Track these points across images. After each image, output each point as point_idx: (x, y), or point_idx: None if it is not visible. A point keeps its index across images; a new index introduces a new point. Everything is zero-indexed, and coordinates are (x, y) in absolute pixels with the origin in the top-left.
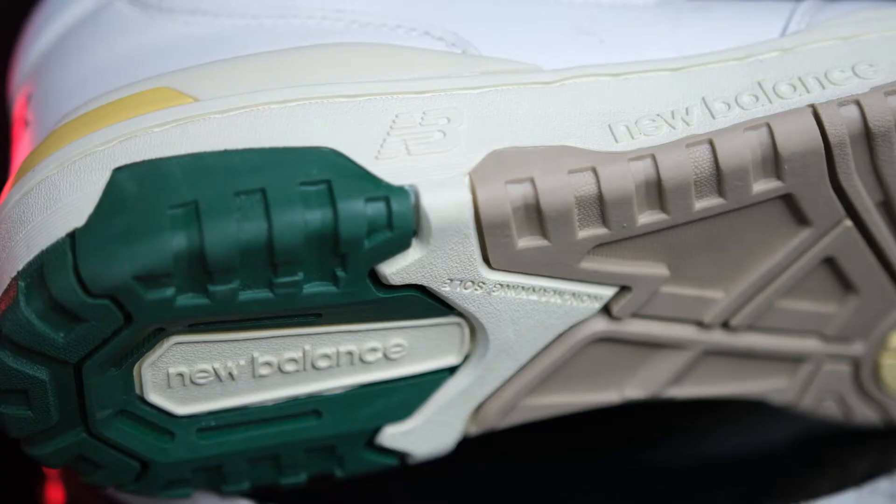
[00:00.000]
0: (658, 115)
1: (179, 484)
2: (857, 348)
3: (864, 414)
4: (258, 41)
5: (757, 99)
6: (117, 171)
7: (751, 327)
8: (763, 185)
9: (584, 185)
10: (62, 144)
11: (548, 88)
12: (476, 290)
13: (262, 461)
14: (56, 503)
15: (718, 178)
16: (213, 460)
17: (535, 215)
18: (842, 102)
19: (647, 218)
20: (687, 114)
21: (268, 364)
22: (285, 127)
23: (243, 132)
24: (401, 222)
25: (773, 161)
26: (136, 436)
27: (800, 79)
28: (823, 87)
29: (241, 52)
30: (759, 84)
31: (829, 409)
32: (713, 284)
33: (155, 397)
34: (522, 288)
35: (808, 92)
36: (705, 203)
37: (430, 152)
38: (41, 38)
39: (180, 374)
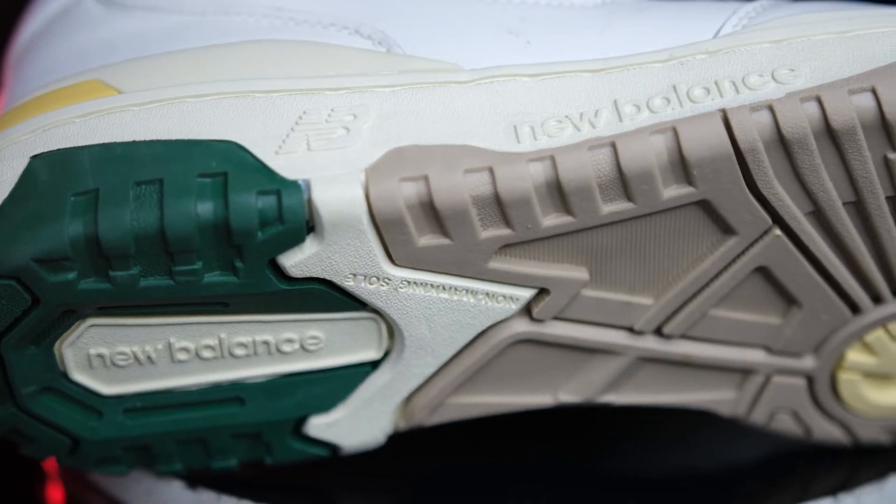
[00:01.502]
0: (566, 116)
1: (111, 461)
2: (807, 363)
3: (826, 431)
4: (201, 37)
5: (668, 102)
6: (34, 158)
7: (686, 336)
8: (675, 191)
9: (481, 184)
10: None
11: (462, 88)
12: (382, 286)
13: (191, 444)
14: (56, 503)
15: (623, 182)
16: (141, 440)
17: (432, 214)
18: (755, 107)
19: (552, 220)
20: (595, 116)
21: (185, 350)
22: (195, 120)
23: (156, 124)
24: (291, 216)
25: (681, 166)
26: (64, 413)
27: (716, 83)
28: (738, 92)
29: (182, 47)
30: (674, 87)
31: (785, 425)
32: (640, 290)
33: (79, 376)
34: (431, 286)
35: (721, 96)
36: (614, 207)
37: (330, 148)
38: (24, 33)
39: (100, 356)
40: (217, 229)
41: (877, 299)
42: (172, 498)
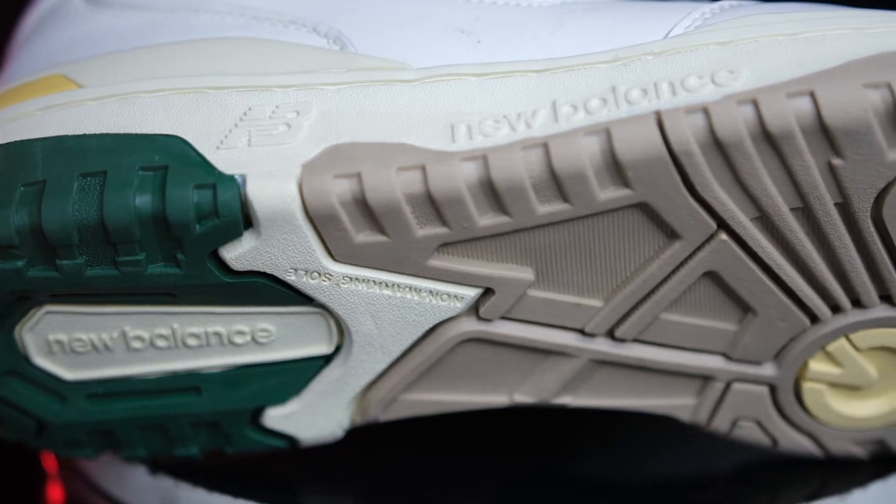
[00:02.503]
0: (504, 116)
1: (77, 445)
2: (768, 371)
3: (793, 441)
4: (169, 34)
5: (605, 103)
6: None
7: (640, 340)
8: (611, 193)
9: (413, 183)
10: None
11: (407, 86)
12: (324, 281)
13: (152, 431)
14: (56, 503)
15: (556, 183)
16: (104, 425)
17: (366, 211)
18: (690, 110)
19: (489, 220)
20: (532, 116)
21: (139, 339)
22: (145, 115)
23: (108, 118)
24: (226, 210)
25: (615, 168)
26: (29, 396)
27: (655, 84)
28: (675, 94)
29: (150, 43)
30: (613, 89)
31: (750, 433)
32: (589, 292)
33: (41, 361)
34: (374, 282)
35: (658, 98)
36: (550, 208)
37: (270, 144)
38: (23, 30)
39: (59, 342)
40: (156, 221)
41: (836, 309)
42: (173, 498)
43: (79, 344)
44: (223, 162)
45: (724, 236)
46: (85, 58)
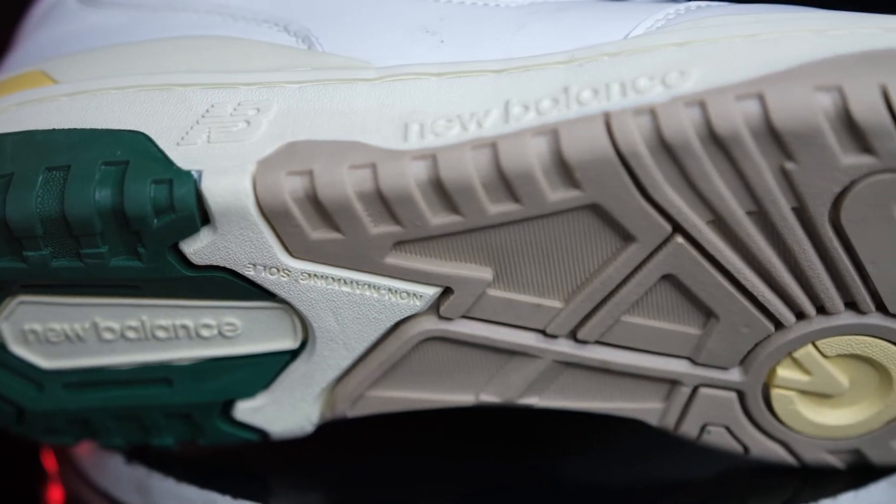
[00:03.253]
0: (457, 116)
1: (56, 432)
2: (735, 376)
3: (765, 448)
4: (148, 32)
5: (556, 103)
6: None
7: (602, 342)
8: (562, 194)
9: (363, 181)
10: None
11: (367, 85)
12: (283, 277)
13: (127, 421)
14: (56, 503)
15: (505, 183)
16: (80, 414)
17: (319, 208)
18: (638, 111)
19: (441, 219)
20: (485, 116)
21: (110, 330)
22: (112, 110)
23: (78, 113)
24: (181, 204)
25: (563, 169)
26: (8, 384)
27: (606, 85)
28: (624, 95)
29: (130, 40)
30: (566, 89)
31: (720, 439)
32: (549, 293)
33: (18, 349)
34: (333, 279)
35: (608, 99)
36: (502, 208)
37: (228, 140)
38: (22, 28)
39: (34, 331)
40: (115, 215)
41: (800, 315)
42: (174, 498)
43: (52, 334)
44: (182, 158)
45: (680, 239)
46: (64, 55)
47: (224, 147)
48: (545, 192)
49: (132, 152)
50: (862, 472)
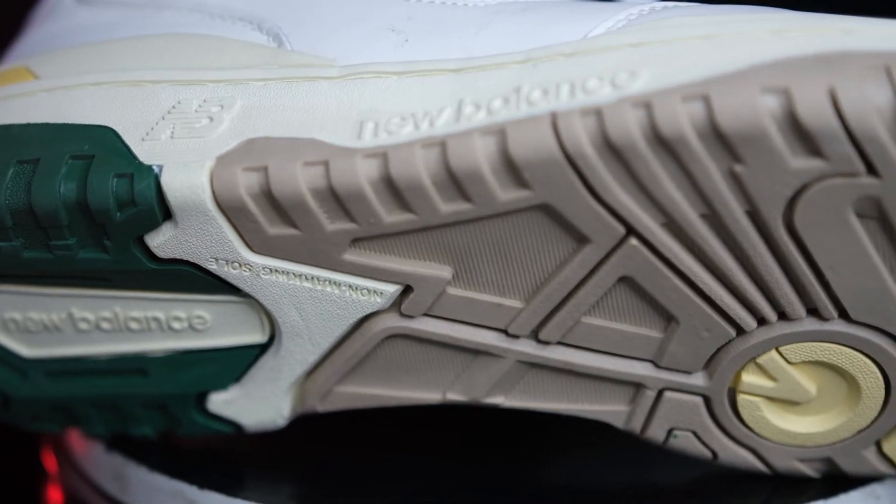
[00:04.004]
0: (412, 114)
1: (41, 419)
2: (699, 381)
3: (734, 454)
4: (131, 29)
5: (507, 103)
6: None
7: (564, 343)
8: (512, 194)
9: (317, 177)
10: None
11: (328, 83)
12: (244, 271)
13: (107, 410)
14: (56, 503)
15: (455, 182)
16: (62, 402)
17: (274, 204)
18: (584, 112)
19: (395, 217)
20: (438, 115)
21: (86, 320)
22: (84, 105)
23: (53, 108)
24: (142, 198)
25: (511, 168)
26: None
27: (557, 85)
28: (573, 96)
29: (113, 37)
30: (518, 89)
31: (688, 444)
32: (509, 292)
33: (1, 338)
34: (294, 274)
35: (556, 99)
36: (454, 206)
37: (191, 136)
38: (25, 26)
39: (14, 320)
40: (80, 208)
41: (762, 320)
42: (175, 498)
43: (32, 323)
44: (146, 153)
45: (634, 242)
46: (49, 51)
47: (186, 143)
48: (495, 191)
49: (99, 147)
50: (835, 481)
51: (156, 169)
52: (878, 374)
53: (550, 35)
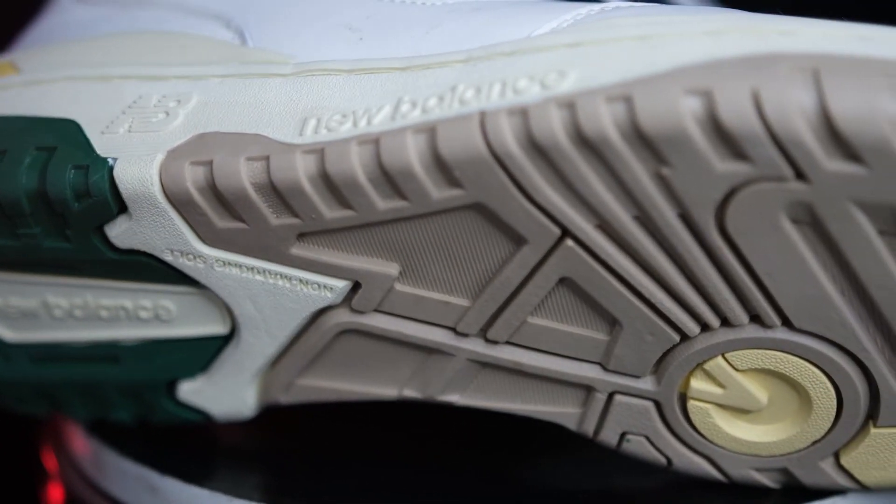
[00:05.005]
0: (353, 112)
1: (26, 403)
2: (648, 385)
3: (688, 461)
4: (111, 26)
5: (441, 101)
6: None
7: (512, 342)
8: (445, 192)
9: (258, 172)
10: None
11: (281, 80)
12: (199, 263)
13: (86, 395)
14: (56, 503)
15: (389, 179)
16: (44, 386)
17: (220, 197)
18: (511, 112)
19: (336, 213)
20: (377, 113)
21: (60, 308)
22: (54, 99)
23: (27, 102)
24: (96, 190)
25: (442, 167)
26: None
27: (489, 85)
28: (503, 95)
29: (92, 34)
30: (453, 88)
31: (641, 449)
32: (456, 290)
33: None
34: (246, 267)
35: (487, 99)
36: (392, 204)
37: (146, 130)
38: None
39: None
40: (40, 197)
41: (705, 326)
42: (176, 498)
43: (11, 309)
44: (104, 146)
45: (570, 243)
46: (34, 47)
47: (142, 136)
48: (429, 189)
49: (61, 139)
50: (795, 492)
51: (110, 161)
52: (829, 385)
53: (497, 34)
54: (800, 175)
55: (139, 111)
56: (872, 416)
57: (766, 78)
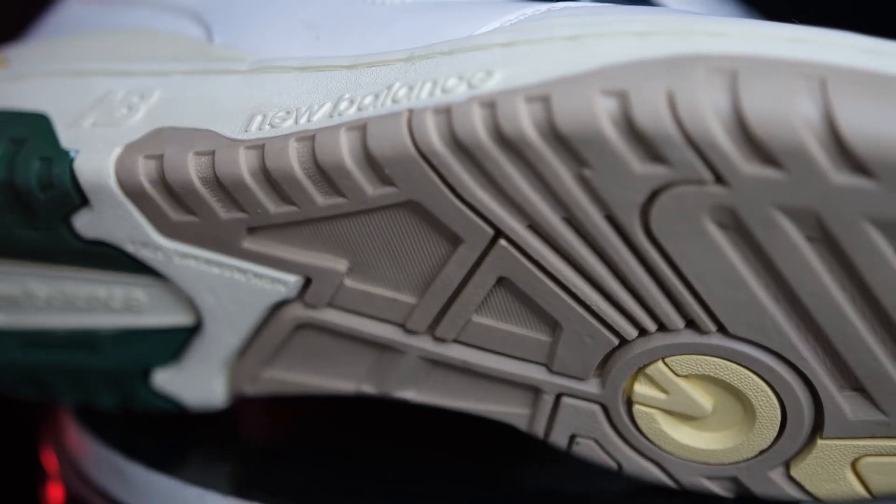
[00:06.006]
0: (296, 108)
1: (15, 387)
2: (593, 388)
3: (638, 466)
4: (101, 22)
5: (376, 99)
6: None
7: (460, 341)
8: (379, 190)
9: (205, 167)
10: None
11: (237, 77)
12: (159, 255)
13: (70, 381)
14: (56, 503)
15: (324, 176)
16: (32, 371)
17: (171, 191)
18: (437, 110)
19: (280, 208)
20: (318, 110)
21: (40, 296)
22: (32, 93)
23: (9, 95)
24: (58, 181)
25: (372, 164)
26: None
27: (422, 83)
28: (432, 94)
29: (80, 30)
30: (390, 86)
31: (591, 452)
32: (403, 288)
33: None
34: (203, 260)
35: (417, 98)
36: (331, 200)
37: (109, 125)
38: None
39: None
40: (10, 188)
41: (643, 331)
42: (176, 498)
43: None
44: (69, 139)
45: (504, 243)
46: (27, 42)
47: (105, 130)
48: (363, 186)
49: (32, 132)
50: (749, 502)
51: (73, 154)
52: (770, 394)
53: (443, 33)
54: (719, 178)
55: (105, 106)
56: (819, 427)
57: (683, 79)
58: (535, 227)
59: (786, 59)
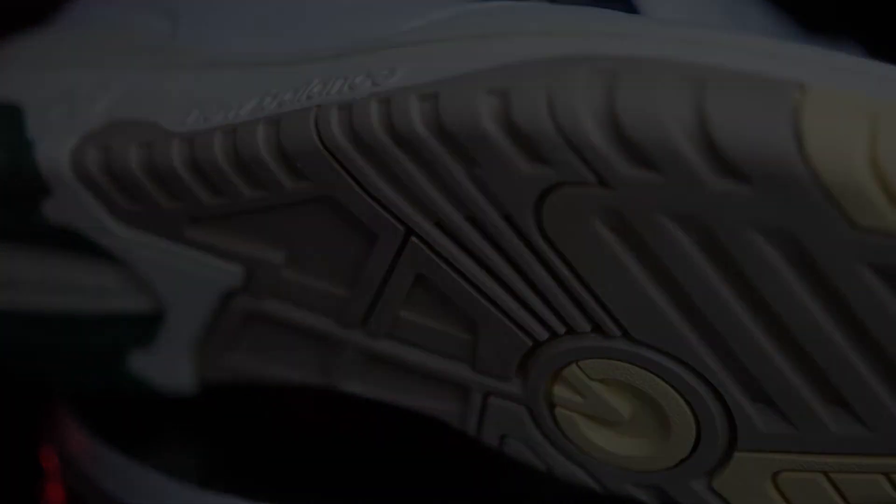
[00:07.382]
0: (229, 103)
1: (12, 366)
2: (515, 388)
3: (567, 470)
4: (96, 20)
5: (295, 94)
6: None
7: (390, 336)
8: (296, 184)
9: (143, 158)
10: None
11: (187, 71)
12: (118, 242)
13: (57, 362)
14: (56, 503)
15: (245, 169)
16: (23, 351)
17: (117, 180)
18: (341, 107)
19: (212, 199)
20: (247, 104)
21: (24, 279)
22: (13, 85)
23: None
24: (24, 170)
25: (285, 159)
26: None
27: (335, 80)
28: (340, 91)
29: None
30: (308, 82)
31: (521, 453)
32: (335, 281)
33: None
34: (157, 248)
35: (328, 94)
36: (255, 193)
37: (71, 116)
38: None
39: None
40: None
41: (553, 333)
42: (176, 497)
43: None
44: (36, 128)
45: (415, 240)
46: (23, 37)
47: (67, 121)
48: (282, 180)
49: (3, 122)
50: None
51: (37, 143)
52: (682, 402)
53: (376, 30)
54: (602, 181)
55: (72, 97)
56: (734, 438)
57: (564, 79)
58: (442, 225)
59: (672, 61)
